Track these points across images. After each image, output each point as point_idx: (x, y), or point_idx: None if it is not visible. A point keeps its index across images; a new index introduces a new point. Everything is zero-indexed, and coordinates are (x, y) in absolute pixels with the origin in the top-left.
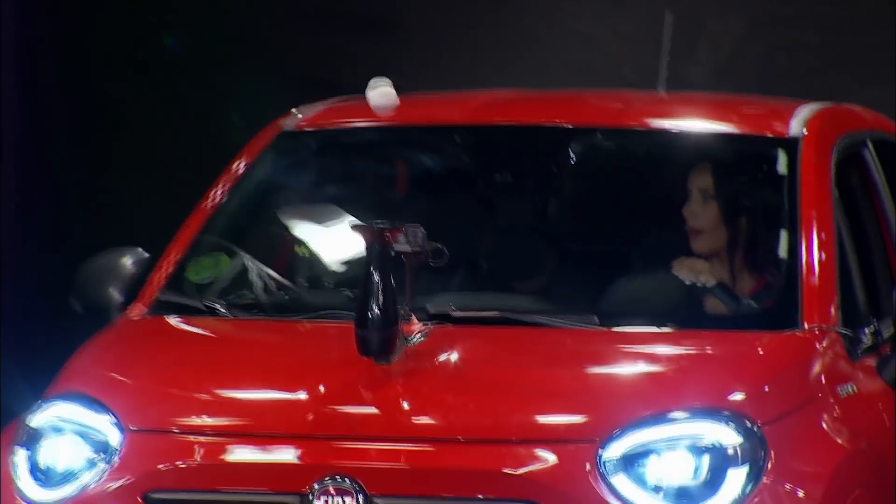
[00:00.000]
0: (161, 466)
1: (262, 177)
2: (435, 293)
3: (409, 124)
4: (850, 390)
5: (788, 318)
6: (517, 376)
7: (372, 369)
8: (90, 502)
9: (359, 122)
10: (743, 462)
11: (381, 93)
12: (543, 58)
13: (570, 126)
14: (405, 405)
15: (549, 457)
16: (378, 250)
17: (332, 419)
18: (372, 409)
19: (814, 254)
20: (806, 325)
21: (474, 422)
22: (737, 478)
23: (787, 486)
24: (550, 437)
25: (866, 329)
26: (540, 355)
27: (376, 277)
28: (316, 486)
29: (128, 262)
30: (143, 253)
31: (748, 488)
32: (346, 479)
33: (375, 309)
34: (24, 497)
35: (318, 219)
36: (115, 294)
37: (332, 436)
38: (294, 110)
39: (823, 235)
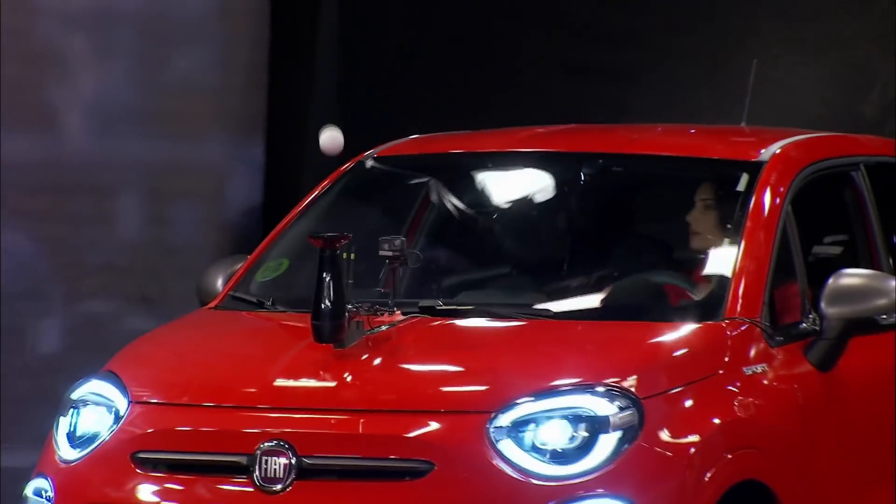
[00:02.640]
0: (145, 431)
1: (337, 192)
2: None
3: (452, 152)
4: (759, 370)
5: (714, 311)
6: (439, 358)
7: (326, 353)
8: (96, 460)
9: (418, 151)
10: (615, 429)
11: (328, 136)
12: (745, 97)
13: (587, 153)
14: (335, 382)
15: (447, 425)
16: (329, 255)
17: (277, 394)
18: (308, 386)
19: (748, 258)
20: (725, 318)
21: (388, 395)
22: (608, 442)
23: (660, 449)
24: (450, 409)
25: (804, 321)
26: (473, 341)
27: (327, 278)
28: (259, 448)
29: (235, 264)
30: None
31: (618, 451)
32: (282, 443)
33: (326, 303)
34: (58, 456)
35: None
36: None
37: (275, 407)
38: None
39: (760, 244)
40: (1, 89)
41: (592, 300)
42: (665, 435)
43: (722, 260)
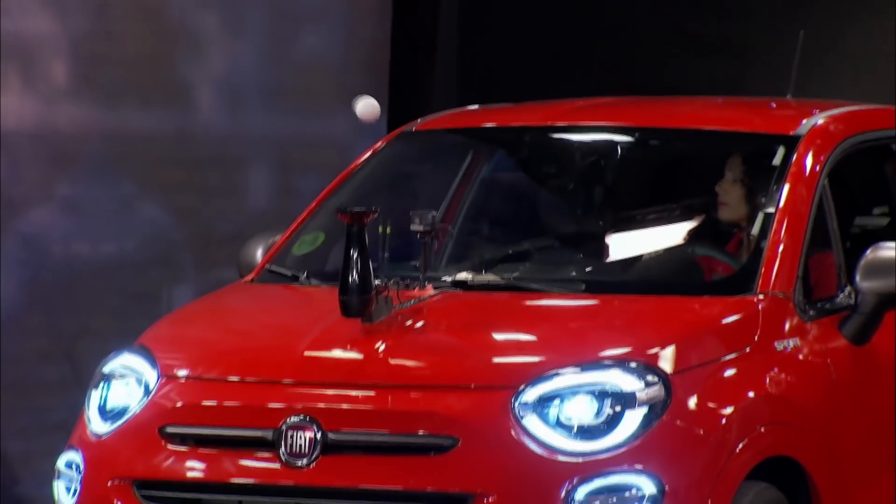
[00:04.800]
0: (173, 405)
1: (376, 164)
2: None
3: (489, 126)
4: (790, 345)
5: (746, 286)
6: (467, 333)
7: (353, 328)
8: (125, 433)
9: (456, 125)
10: (641, 405)
11: (364, 104)
12: (858, 71)
13: (624, 126)
14: (360, 357)
15: (472, 400)
16: (356, 230)
17: (303, 368)
18: (334, 360)
19: (781, 233)
20: (757, 292)
21: (413, 370)
22: (633, 418)
23: (687, 425)
24: (475, 384)
25: (839, 294)
26: (502, 316)
27: (354, 253)
28: (285, 423)
29: (275, 236)
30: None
31: (645, 427)
32: (308, 418)
33: (354, 278)
34: (90, 429)
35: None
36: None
37: (300, 382)
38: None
39: (795, 219)
40: (136, 66)
41: (625, 274)
42: (693, 410)
43: (755, 234)
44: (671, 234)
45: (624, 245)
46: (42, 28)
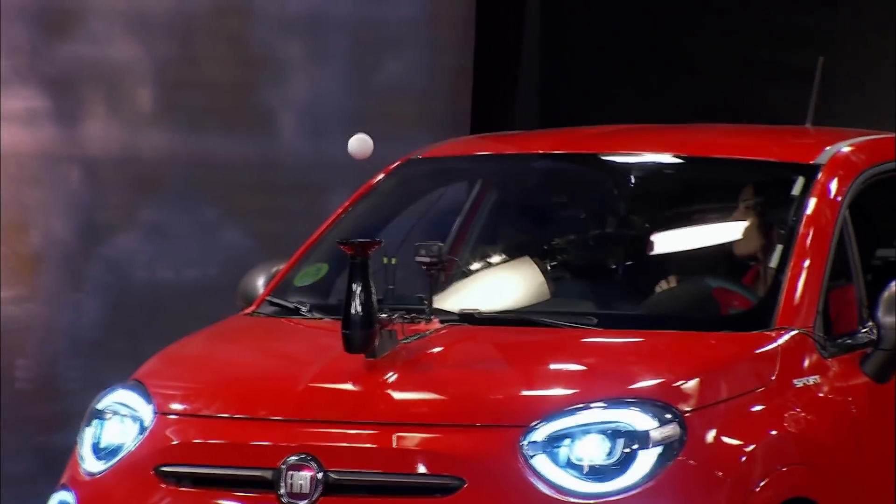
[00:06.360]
0: (169, 443)
1: (381, 194)
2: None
3: (496, 153)
4: (810, 382)
5: (764, 320)
6: (473, 369)
7: (356, 363)
8: (118, 473)
9: (463, 153)
10: (655, 445)
11: (357, 140)
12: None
13: (639, 154)
14: (363, 394)
15: (478, 439)
16: (359, 262)
17: (303, 406)
18: (336, 397)
19: (801, 266)
20: (776, 327)
21: (418, 408)
22: (647, 458)
23: (703, 466)
24: (482, 422)
25: (860, 330)
26: (510, 351)
27: (357, 285)
28: (284, 462)
29: (276, 267)
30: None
31: (659, 468)
32: (308, 457)
33: (357, 311)
34: (83, 467)
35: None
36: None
37: (300, 420)
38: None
39: (815, 251)
40: (220, 92)
41: (638, 308)
42: (709, 451)
43: (773, 266)
44: (686, 267)
45: (637, 278)
46: (127, 54)
